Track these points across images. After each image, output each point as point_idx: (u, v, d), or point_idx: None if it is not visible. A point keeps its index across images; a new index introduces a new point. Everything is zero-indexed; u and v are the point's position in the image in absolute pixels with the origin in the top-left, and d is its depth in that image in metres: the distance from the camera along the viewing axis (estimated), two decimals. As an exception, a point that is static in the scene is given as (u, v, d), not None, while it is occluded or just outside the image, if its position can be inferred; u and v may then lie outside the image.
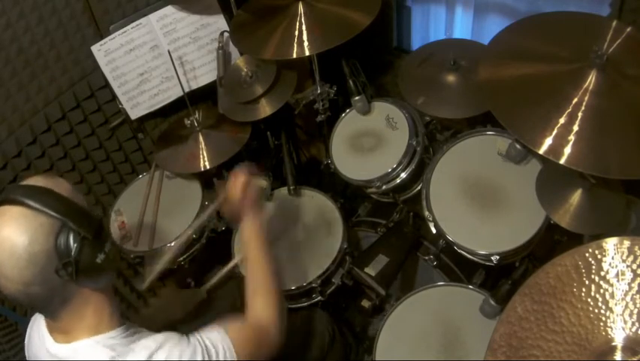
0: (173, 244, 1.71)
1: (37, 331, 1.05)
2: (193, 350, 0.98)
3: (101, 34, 1.77)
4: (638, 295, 0.81)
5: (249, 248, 1.24)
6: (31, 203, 0.88)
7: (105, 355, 0.94)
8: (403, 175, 1.68)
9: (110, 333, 0.97)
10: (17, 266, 0.85)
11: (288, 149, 1.92)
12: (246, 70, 1.78)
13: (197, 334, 1.02)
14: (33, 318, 1.10)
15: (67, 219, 0.89)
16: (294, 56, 1.51)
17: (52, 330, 1.00)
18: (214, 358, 1.00)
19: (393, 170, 1.66)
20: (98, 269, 0.94)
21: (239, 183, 1.27)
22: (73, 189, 0.98)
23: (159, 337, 0.99)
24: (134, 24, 1.77)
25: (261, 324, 1.13)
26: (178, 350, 0.97)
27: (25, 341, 1.11)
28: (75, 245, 0.89)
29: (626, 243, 0.84)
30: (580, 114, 1.10)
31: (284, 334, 1.16)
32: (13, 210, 0.87)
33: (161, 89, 1.91)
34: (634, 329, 0.79)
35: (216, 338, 1.03)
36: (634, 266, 0.83)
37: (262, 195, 1.54)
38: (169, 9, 1.79)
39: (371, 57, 2.09)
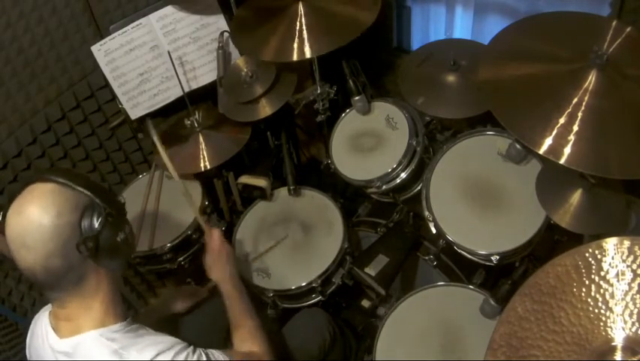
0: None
1: (40, 329, 1.05)
2: (198, 358, 1.02)
3: (101, 34, 1.77)
4: (638, 295, 0.81)
5: (231, 303, 1.31)
6: (60, 180, 0.93)
7: (108, 348, 0.96)
8: (403, 175, 1.68)
9: (113, 326, 0.99)
10: (42, 238, 0.89)
11: (288, 149, 1.92)
12: (246, 70, 1.78)
13: (202, 349, 1.06)
14: (35, 317, 1.11)
15: (94, 196, 0.95)
16: (295, 58, 1.51)
17: (57, 320, 1.01)
18: None
19: (393, 170, 1.66)
20: (116, 249, 0.98)
21: (216, 242, 1.38)
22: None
23: (168, 339, 1.02)
24: (134, 24, 1.76)
25: (255, 357, 1.21)
26: (184, 354, 1.01)
27: (27, 341, 1.12)
28: (100, 220, 0.94)
29: (626, 243, 0.84)
30: (580, 114, 1.10)
31: None
32: (42, 187, 0.93)
33: (161, 89, 1.90)
34: (634, 329, 0.79)
35: (219, 355, 1.08)
36: (634, 266, 0.82)
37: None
38: (169, 9, 1.79)
39: (371, 57, 2.09)
